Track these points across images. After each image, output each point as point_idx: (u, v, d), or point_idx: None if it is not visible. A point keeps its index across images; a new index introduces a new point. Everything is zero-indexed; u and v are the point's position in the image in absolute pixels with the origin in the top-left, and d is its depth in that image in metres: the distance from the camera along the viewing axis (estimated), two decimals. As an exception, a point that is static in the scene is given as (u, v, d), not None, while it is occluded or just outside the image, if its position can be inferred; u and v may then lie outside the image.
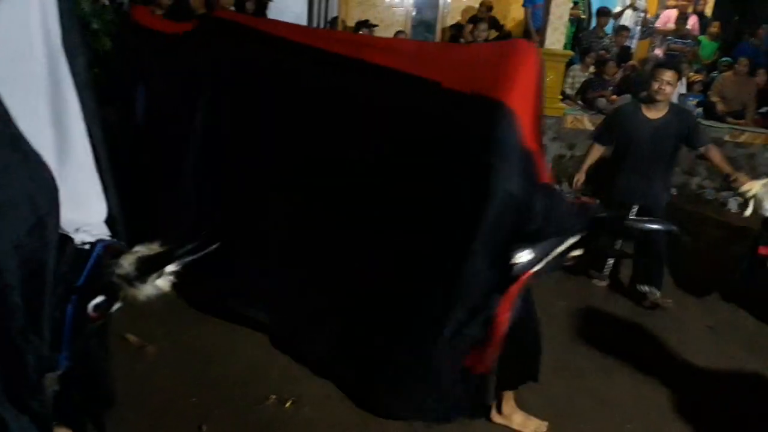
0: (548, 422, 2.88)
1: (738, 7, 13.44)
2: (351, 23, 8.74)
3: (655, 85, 3.87)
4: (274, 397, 2.88)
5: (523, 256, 2.16)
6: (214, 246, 1.65)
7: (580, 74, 7.68)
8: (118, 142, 3.78)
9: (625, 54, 8.42)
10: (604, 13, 8.39)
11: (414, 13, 10.15)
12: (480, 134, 2.26)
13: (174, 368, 3.03)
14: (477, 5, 9.17)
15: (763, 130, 7.47)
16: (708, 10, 9.77)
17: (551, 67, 7.16)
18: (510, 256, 2.15)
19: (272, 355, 3.20)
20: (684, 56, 8.20)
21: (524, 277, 2.22)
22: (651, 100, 3.95)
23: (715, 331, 4.01)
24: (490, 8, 8.93)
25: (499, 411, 2.85)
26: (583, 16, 8.71)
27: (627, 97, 7.55)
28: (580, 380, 3.28)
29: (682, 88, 7.80)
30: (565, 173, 5.87)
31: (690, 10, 8.80)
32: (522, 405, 2.89)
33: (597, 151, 4.31)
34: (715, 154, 3.93)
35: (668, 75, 3.85)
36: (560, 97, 7.25)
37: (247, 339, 3.31)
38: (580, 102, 7.49)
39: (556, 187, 2.72)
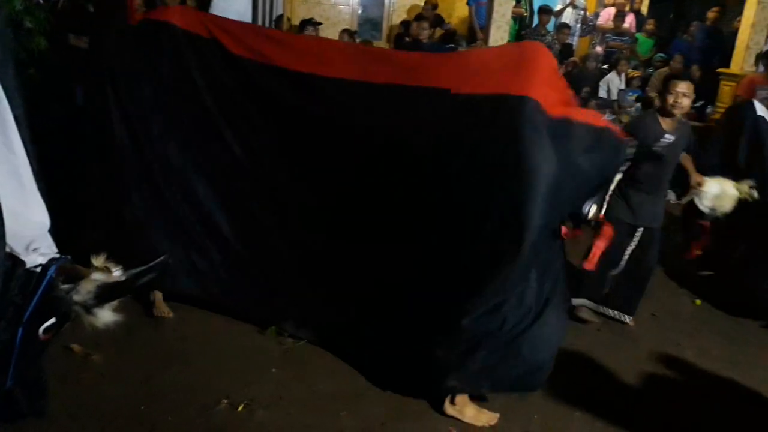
0: (499, 414, 2.94)
1: (673, 6, 14.01)
2: (296, 21, 8.66)
3: (671, 99, 3.55)
4: (226, 401, 2.85)
5: (590, 209, 2.71)
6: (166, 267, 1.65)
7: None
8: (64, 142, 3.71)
9: (567, 51, 8.64)
10: (545, 11, 8.57)
11: (360, 11, 10.15)
12: (507, 126, 2.48)
13: (121, 376, 2.96)
14: (422, 3, 9.25)
15: (697, 123, 7.79)
16: (644, 9, 10.13)
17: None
18: (581, 214, 2.69)
19: (224, 361, 3.17)
20: (622, 53, 8.47)
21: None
22: (667, 114, 3.62)
23: (658, 318, 4.16)
24: (435, 6, 9.02)
25: (452, 402, 2.90)
26: (525, 14, 8.89)
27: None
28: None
29: (621, 83, 8.07)
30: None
31: (627, 8, 9.10)
32: (473, 397, 2.95)
33: None
34: (686, 158, 3.90)
35: (683, 87, 3.55)
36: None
37: (198, 346, 3.27)
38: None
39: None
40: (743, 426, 3.12)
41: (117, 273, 1.63)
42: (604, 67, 8.46)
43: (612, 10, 8.91)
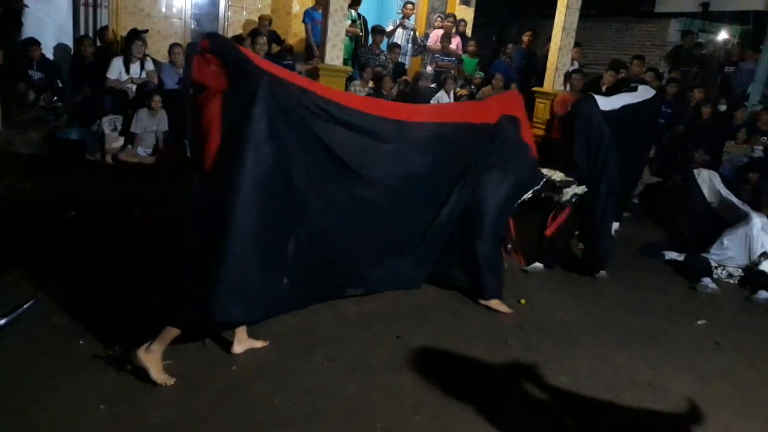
0: (341, 422, 2.98)
1: (496, 29, 15.25)
2: (123, 33, 8.19)
3: None
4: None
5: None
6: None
7: (360, 89, 8.05)
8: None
9: (399, 70, 9.03)
10: (378, 31, 8.90)
11: (193, 26, 9.82)
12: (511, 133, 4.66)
13: None
14: (257, 18, 9.17)
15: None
16: (468, 32, 10.89)
17: (333, 82, 7.38)
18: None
19: (43, 398, 2.88)
20: (450, 72, 9.02)
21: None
22: None
23: (490, 316, 4.45)
24: (269, 22, 8.98)
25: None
26: (361, 34, 9.16)
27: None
28: (372, 379, 3.43)
29: (449, 101, 8.57)
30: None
31: (453, 30, 9.71)
32: (315, 403, 2.95)
33: None
34: None
35: None
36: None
37: (15, 379, 2.94)
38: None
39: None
40: (557, 414, 3.43)
41: None
42: (432, 86, 8.95)
43: (440, 32, 9.47)
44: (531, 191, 4.78)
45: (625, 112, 5.65)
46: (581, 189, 5.25)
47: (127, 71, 6.94)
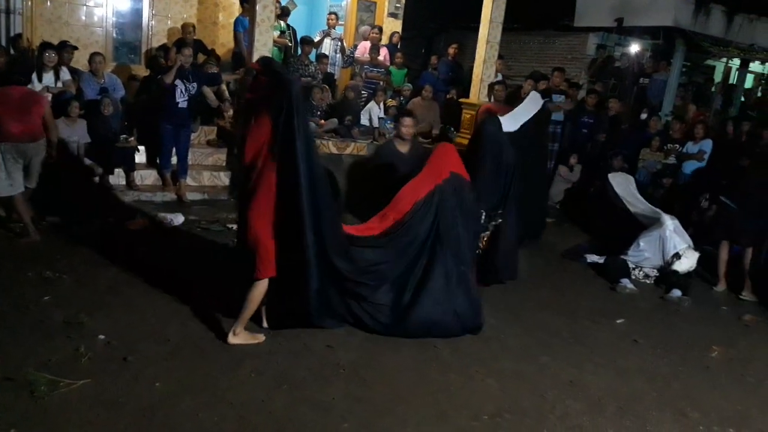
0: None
1: (423, 42, 15.55)
2: (38, 41, 7.83)
3: (401, 129, 5.98)
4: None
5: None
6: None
7: (289, 99, 8.01)
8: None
9: (329, 80, 9.06)
10: (306, 42, 8.91)
11: (115, 34, 9.51)
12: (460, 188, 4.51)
13: None
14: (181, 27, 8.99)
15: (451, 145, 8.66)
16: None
17: (261, 92, 7.34)
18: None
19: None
20: (380, 84, 9.12)
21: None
22: (401, 138, 5.84)
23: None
24: (194, 29, 8.80)
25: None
26: (290, 44, 9.14)
27: (334, 121, 8.14)
28: (299, 391, 3.41)
29: (380, 112, 8.66)
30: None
31: (381, 42, 9.82)
32: (242, 417, 2.90)
33: None
34: None
35: (408, 121, 5.98)
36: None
37: None
38: (291, 125, 7.81)
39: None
40: (481, 418, 3.51)
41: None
42: (363, 94, 9.03)
43: (368, 44, 9.56)
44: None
45: (525, 129, 5.87)
46: (497, 220, 5.35)
47: (40, 80, 6.65)
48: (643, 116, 9.61)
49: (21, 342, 3.53)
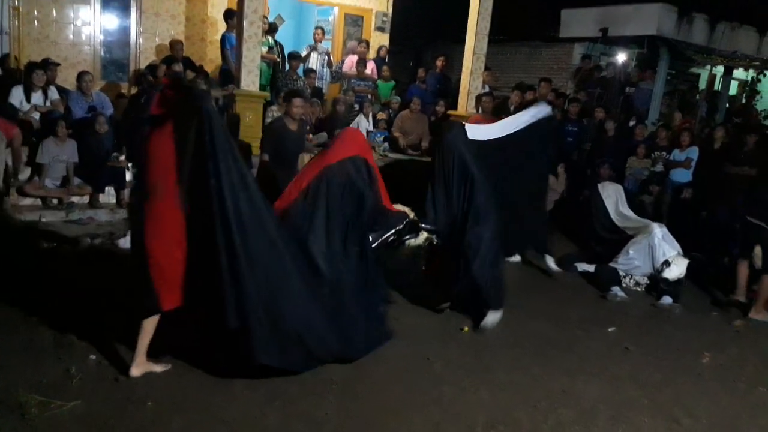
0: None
1: (411, 55, 15.67)
2: (26, 61, 7.84)
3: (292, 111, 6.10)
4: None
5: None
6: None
7: (277, 113, 8.04)
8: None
9: (317, 95, 9.11)
10: (294, 57, 8.97)
11: (103, 53, 9.53)
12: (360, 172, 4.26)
13: None
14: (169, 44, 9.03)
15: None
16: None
17: (250, 108, 7.40)
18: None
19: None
20: (367, 97, 9.18)
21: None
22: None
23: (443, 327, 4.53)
24: (182, 46, 8.84)
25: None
26: (278, 60, 9.19)
27: (323, 135, 8.17)
28: (293, 407, 3.41)
29: (369, 125, 8.71)
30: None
31: (368, 56, 9.90)
32: None
33: None
34: None
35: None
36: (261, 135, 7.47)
37: None
38: (281, 140, 7.82)
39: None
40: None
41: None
42: (356, 107, 9.08)
43: (354, 58, 9.63)
44: (393, 231, 4.48)
45: (518, 136, 5.68)
46: (432, 236, 5.05)
47: (28, 100, 6.65)
48: (632, 124, 9.71)
49: (11, 363, 3.51)
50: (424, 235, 4.97)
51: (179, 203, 3.32)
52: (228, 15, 8.65)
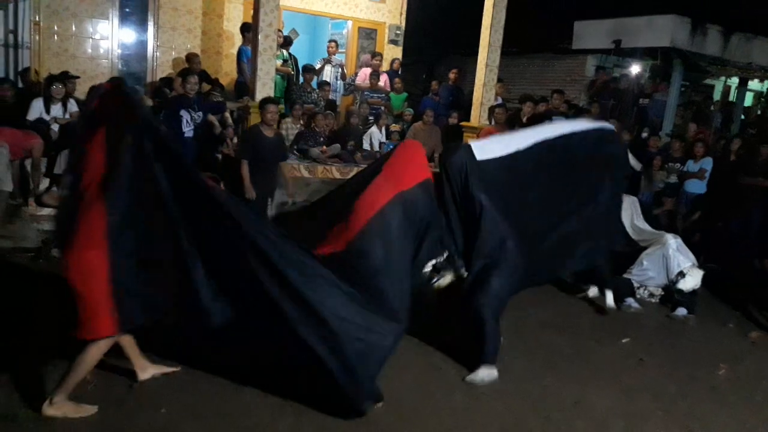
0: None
1: (424, 68, 15.76)
2: (46, 74, 7.98)
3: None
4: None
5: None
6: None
7: (292, 126, 8.13)
8: None
9: (331, 107, 9.18)
10: (308, 69, 9.05)
11: (120, 66, 9.69)
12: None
13: None
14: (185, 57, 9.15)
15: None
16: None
17: (264, 120, 7.43)
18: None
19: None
20: (381, 109, 9.24)
21: None
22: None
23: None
24: (198, 60, 8.96)
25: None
26: (292, 73, 9.28)
27: (337, 147, 8.21)
28: (305, 414, 3.41)
29: (382, 136, 8.75)
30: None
31: (381, 69, 9.97)
32: None
33: None
34: None
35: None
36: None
37: None
38: (295, 152, 7.89)
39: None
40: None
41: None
42: (371, 119, 9.14)
43: (368, 70, 9.70)
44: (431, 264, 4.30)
45: (540, 150, 4.64)
46: (461, 272, 4.37)
47: (48, 112, 6.77)
48: (644, 135, 9.67)
49: (29, 367, 3.55)
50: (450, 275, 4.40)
51: (105, 210, 3.11)
52: (244, 28, 8.77)
